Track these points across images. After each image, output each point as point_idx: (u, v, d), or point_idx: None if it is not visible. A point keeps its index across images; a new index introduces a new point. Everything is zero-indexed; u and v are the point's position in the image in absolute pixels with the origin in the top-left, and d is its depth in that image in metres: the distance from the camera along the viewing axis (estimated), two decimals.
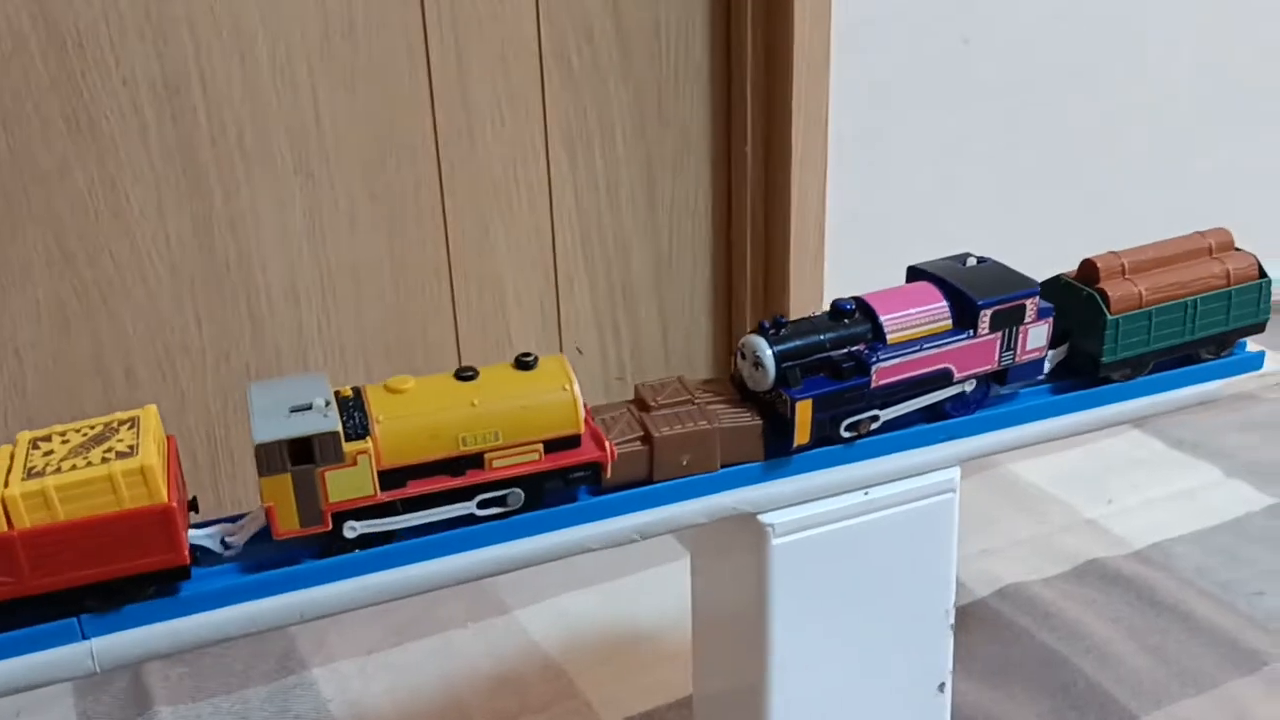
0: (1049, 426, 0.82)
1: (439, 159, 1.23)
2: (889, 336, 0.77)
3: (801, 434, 0.75)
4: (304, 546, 0.67)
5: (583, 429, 0.69)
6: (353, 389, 0.67)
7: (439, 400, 0.67)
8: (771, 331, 0.75)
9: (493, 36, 1.21)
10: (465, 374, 0.68)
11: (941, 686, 0.85)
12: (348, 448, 0.64)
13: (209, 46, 1.09)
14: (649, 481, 0.73)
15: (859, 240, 1.43)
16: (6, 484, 0.60)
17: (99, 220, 1.11)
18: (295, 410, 0.64)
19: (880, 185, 1.42)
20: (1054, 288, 0.85)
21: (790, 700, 0.79)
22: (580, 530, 0.72)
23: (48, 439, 0.63)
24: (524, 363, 0.70)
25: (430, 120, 1.21)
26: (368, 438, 0.65)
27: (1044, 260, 0.87)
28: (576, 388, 0.69)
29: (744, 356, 0.77)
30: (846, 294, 0.78)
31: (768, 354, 0.74)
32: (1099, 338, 0.82)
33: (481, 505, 0.68)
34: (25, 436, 0.63)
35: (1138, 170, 1.61)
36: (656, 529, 0.73)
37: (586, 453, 0.69)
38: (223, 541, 0.67)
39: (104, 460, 0.61)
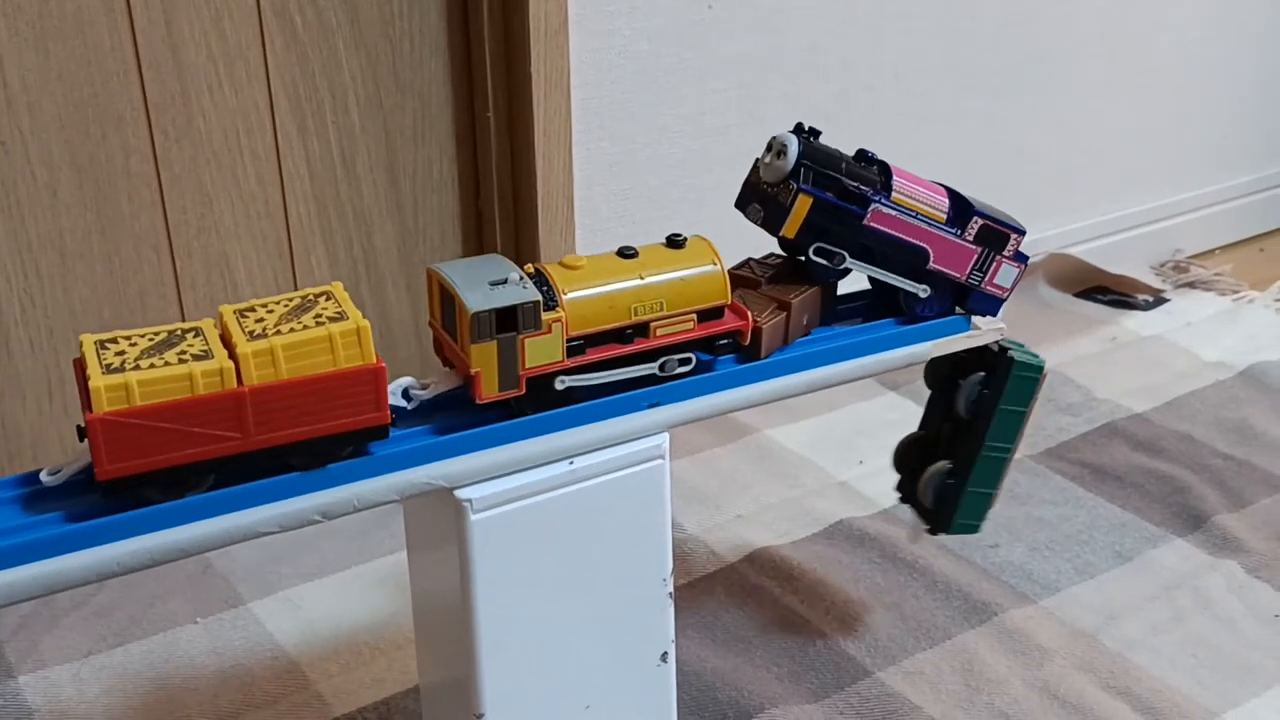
0: (754, 391, 0.81)
1: (151, 127, 1.15)
2: (894, 194, 0.86)
3: (791, 227, 0.83)
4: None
5: (730, 300, 0.79)
6: (534, 267, 0.75)
7: (613, 275, 0.75)
8: (805, 135, 0.84)
9: None
10: (628, 252, 0.77)
11: (664, 657, 0.84)
12: (544, 317, 0.71)
13: None
14: (785, 344, 0.83)
15: (609, 209, 1.41)
16: (232, 345, 0.65)
17: None
18: (494, 284, 0.71)
19: (629, 154, 1.41)
20: None
21: (503, 682, 0.77)
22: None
23: (251, 309, 0.68)
24: (675, 242, 0.79)
25: (138, 85, 1.13)
26: (558, 308, 0.73)
27: None
28: (724, 263, 0.78)
29: (770, 149, 0.84)
30: None
31: (794, 147, 0.82)
32: None
33: (662, 367, 0.78)
34: (228, 309, 0.68)
35: (878, 140, 1.64)
36: (338, 510, 0.69)
37: (730, 322, 0.79)
38: (405, 393, 0.73)
39: (318, 323, 0.66)
